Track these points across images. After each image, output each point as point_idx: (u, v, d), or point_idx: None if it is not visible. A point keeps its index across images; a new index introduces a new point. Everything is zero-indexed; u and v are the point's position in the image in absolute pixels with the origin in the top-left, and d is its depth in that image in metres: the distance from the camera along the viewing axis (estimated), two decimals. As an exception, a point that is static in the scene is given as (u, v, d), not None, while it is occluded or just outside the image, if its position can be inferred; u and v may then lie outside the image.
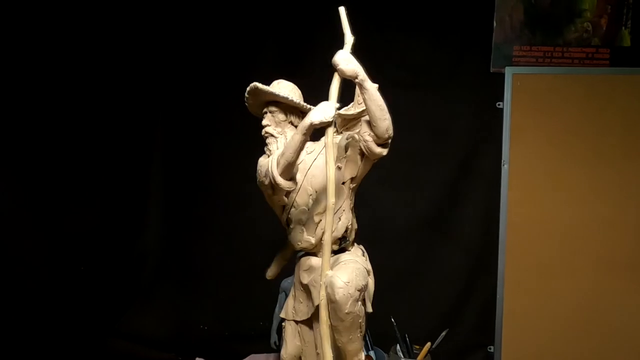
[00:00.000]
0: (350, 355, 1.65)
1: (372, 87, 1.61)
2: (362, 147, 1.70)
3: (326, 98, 1.76)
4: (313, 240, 1.77)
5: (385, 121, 1.63)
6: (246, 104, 1.87)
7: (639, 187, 2.51)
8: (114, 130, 2.84)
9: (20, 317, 2.65)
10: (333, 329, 1.57)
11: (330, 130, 1.59)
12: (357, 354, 1.67)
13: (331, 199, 1.58)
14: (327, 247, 1.59)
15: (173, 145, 2.94)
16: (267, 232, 2.06)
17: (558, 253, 2.56)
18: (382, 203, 2.02)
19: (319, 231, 1.76)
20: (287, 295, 2.37)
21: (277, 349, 2.38)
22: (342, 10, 1.67)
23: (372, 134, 1.66)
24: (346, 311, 1.54)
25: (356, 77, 1.58)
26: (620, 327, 2.50)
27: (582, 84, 2.56)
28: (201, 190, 2.95)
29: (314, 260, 1.79)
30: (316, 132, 1.84)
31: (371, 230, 1.98)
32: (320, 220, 1.75)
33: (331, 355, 1.56)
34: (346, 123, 1.85)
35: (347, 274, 1.58)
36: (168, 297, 2.96)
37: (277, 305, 2.42)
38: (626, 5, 2.71)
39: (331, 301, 1.55)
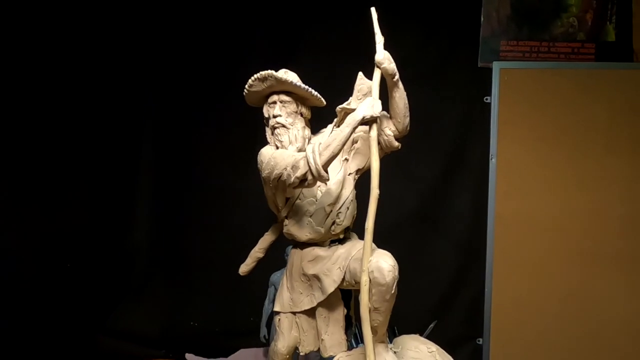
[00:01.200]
0: (380, 335, 1.71)
1: (402, 86, 1.70)
2: (382, 141, 1.77)
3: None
4: (322, 231, 1.80)
5: (407, 117, 1.75)
6: (246, 91, 1.80)
7: (624, 179, 2.54)
8: (102, 127, 2.82)
9: (9, 315, 2.63)
10: (374, 311, 1.62)
11: (375, 125, 1.66)
12: (385, 333, 1.74)
13: (376, 190, 1.62)
14: (369, 235, 1.62)
15: (162, 142, 2.93)
16: (256, 227, 2.06)
17: (546, 246, 2.58)
18: (367, 196, 2.03)
19: (328, 221, 1.79)
20: (276, 289, 2.37)
21: (267, 343, 2.38)
22: (373, 11, 1.73)
23: (392, 129, 1.76)
24: (392, 292, 1.61)
25: (395, 76, 1.66)
26: (607, 318, 2.53)
27: (568, 78, 2.58)
28: (190, 187, 2.93)
29: (321, 251, 1.82)
30: (314, 126, 1.87)
31: (360, 223, 1.97)
32: (331, 210, 1.78)
33: (371, 336, 1.61)
34: (342, 116, 1.86)
35: (390, 258, 1.63)
36: (157, 294, 2.95)
37: (267, 299, 2.42)
38: (611, 0, 2.73)
39: (380, 284, 1.59)
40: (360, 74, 1.87)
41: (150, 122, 2.91)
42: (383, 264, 1.60)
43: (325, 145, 1.62)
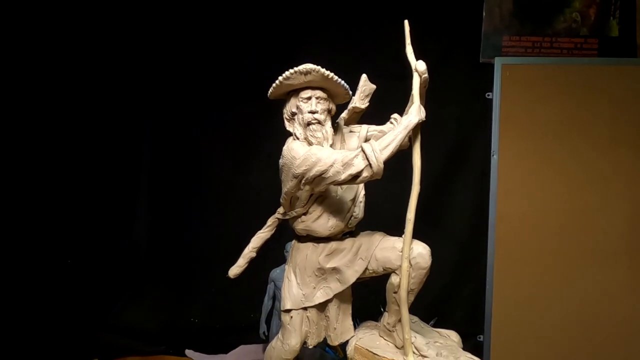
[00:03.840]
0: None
1: None
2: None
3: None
4: (342, 225, 1.87)
5: None
6: (278, 82, 1.79)
7: (627, 175, 2.53)
8: (102, 124, 2.82)
9: (9, 312, 2.63)
10: (410, 292, 1.80)
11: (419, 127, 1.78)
12: None
13: (418, 186, 1.77)
14: (411, 226, 1.77)
15: (162, 138, 2.92)
16: (255, 223, 2.05)
17: (547, 243, 2.58)
18: (371, 194, 2.03)
19: (347, 216, 1.87)
20: (277, 286, 2.37)
21: (266, 339, 2.38)
22: (406, 23, 1.85)
23: None
24: (428, 274, 1.80)
25: (427, 84, 1.78)
26: (609, 315, 2.52)
27: (571, 74, 2.57)
28: (190, 183, 2.93)
29: (338, 244, 1.89)
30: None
31: (365, 219, 1.98)
32: (351, 205, 1.87)
33: (408, 316, 1.80)
34: (350, 115, 1.97)
35: (424, 244, 1.81)
36: (158, 290, 2.95)
37: (266, 296, 2.43)
38: (614, -5, 2.72)
39: (422, 268, 1.78)
40: (364, 76, 1.94)
41: (150, 119, 2.90)
42: (423, 250, 1.78)
43: (384, 145, 1.69)
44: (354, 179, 1.70)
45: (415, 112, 1.74)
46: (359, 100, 1.94)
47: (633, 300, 2.51)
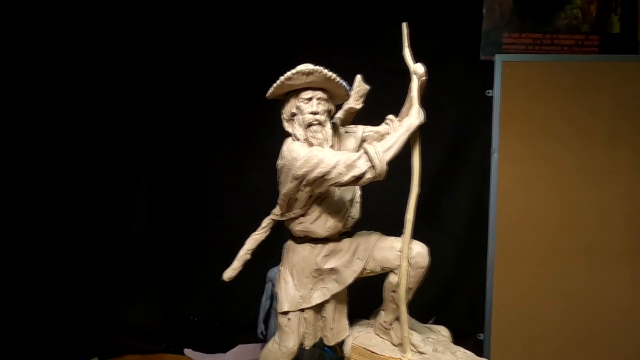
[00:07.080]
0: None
1: None
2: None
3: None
4: (340, 226, 1.87)
5: None
6: (280, 82, 1.76)
7: (627, 173, 2.52)
8: (101, 124, 2.82)
9: (8, 311, 2.63)
10: (409, 291, 1.81)
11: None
12: None
13: (417, 187, 1.78)
14: (410, 226, 1.78)
15: (160, 137, 2.92)
16: (255, 222, 2.04)
17: (547, 241, 2.57)
18: (370, 193, 2.02)
19: (345, 216, 1.87)
20: (274, 285, 2.36)
21: (264, 339, 2.38)
22: (404, 26, 1.86)
23: None
24: (426, 274, 1.82)
25: (424, 86, 1.81)
26: (609, 313, 2.52)
27: (572, 71, 2.55)
28: (189, 181, 2.93)
29: (335, 245, 1.89)
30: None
31: (360, 219, 1.98)
32: (349, 206, 1.87)
33: (407, 314, 1.82)
34: (346, 115, 1.98)
35: (422, 244, 1.83)
36: (157, 289, 2.96)
37: (264, 295, 2.42)
38: (616, -9, 2.71)
39: (420, 267, 1.80)
40: (359, 76, 1.94)
41: (148, 118, 2.89)
42: (422, 250, 1.81)
43: (387, 147, 1.70)
44: (356, 180, 1.70)
45: (415, 115, 1.75)
46: (354, 101, 1.95)
47: (631, 297, 2.50)
